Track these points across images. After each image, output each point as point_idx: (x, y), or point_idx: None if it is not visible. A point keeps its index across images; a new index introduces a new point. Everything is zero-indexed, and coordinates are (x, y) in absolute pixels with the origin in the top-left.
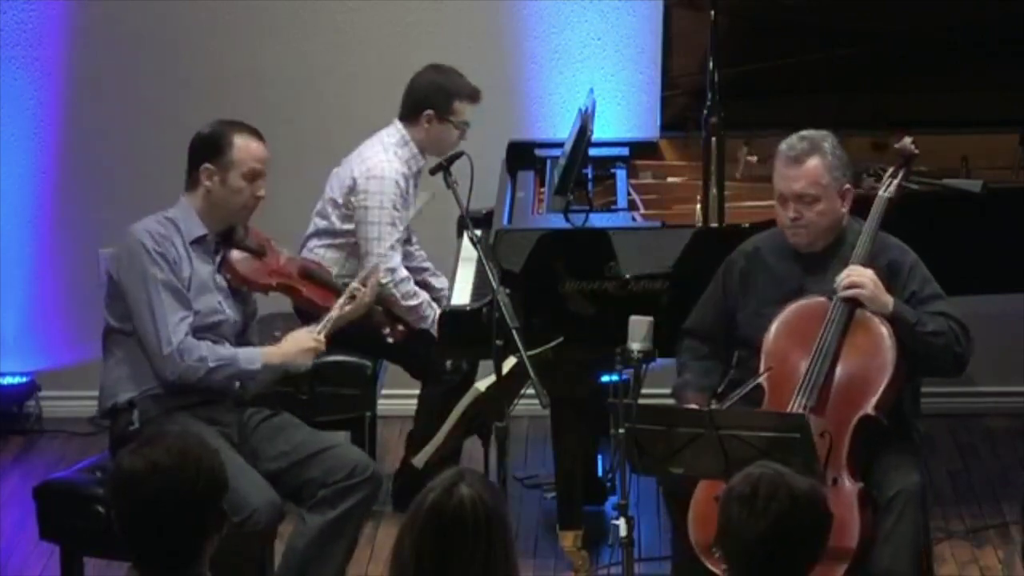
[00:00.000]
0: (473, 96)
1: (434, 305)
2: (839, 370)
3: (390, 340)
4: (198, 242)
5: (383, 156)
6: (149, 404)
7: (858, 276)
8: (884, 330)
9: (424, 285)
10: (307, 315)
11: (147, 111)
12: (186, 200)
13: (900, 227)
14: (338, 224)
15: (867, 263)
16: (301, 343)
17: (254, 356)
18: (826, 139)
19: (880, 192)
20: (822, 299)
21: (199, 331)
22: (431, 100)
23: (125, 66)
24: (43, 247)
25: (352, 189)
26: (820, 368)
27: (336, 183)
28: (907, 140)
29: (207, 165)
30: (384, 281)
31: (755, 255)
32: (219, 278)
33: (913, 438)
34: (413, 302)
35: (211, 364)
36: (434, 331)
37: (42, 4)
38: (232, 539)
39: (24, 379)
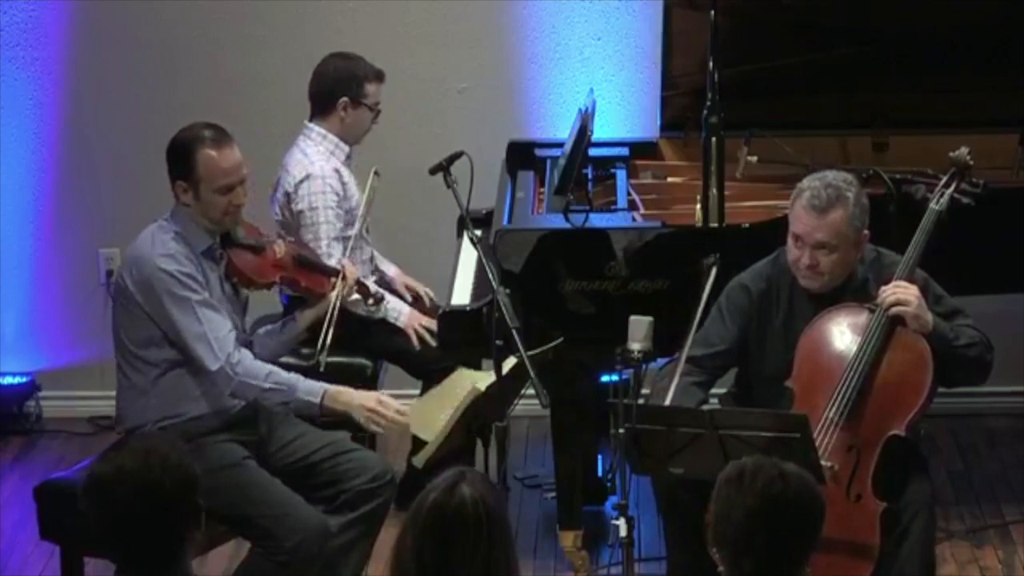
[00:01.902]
0: (379, 76)
1: (383, 292)
2: (875, 387)
3: (372, 308)
4: (206, 252)
5: (304, 161)
6: (185, 429)
7: (904, 293)
8: (924, 349)
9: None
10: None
11: (147, 111)
12: (178, 209)
13: (900, 227)
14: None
15: (911, 278)
16: (364, 400)
17: (315, 390)
18: (851, 187)
19: (932, 204)
20: (863, 309)
21: None
22: (343, 87)
23: (125, 66)
24: (43, 247)
25: (289, 200)
26: (855, 382)
27: (275, 206)
28: (963, 150)
29: (180, 182)
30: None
31: (767, 292)
32: (227, 286)
33: (919, 449)
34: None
35: (265, 386)
36: (392, 319)
37: (42, 4)
38: (286, 566)
39: (24, 379)
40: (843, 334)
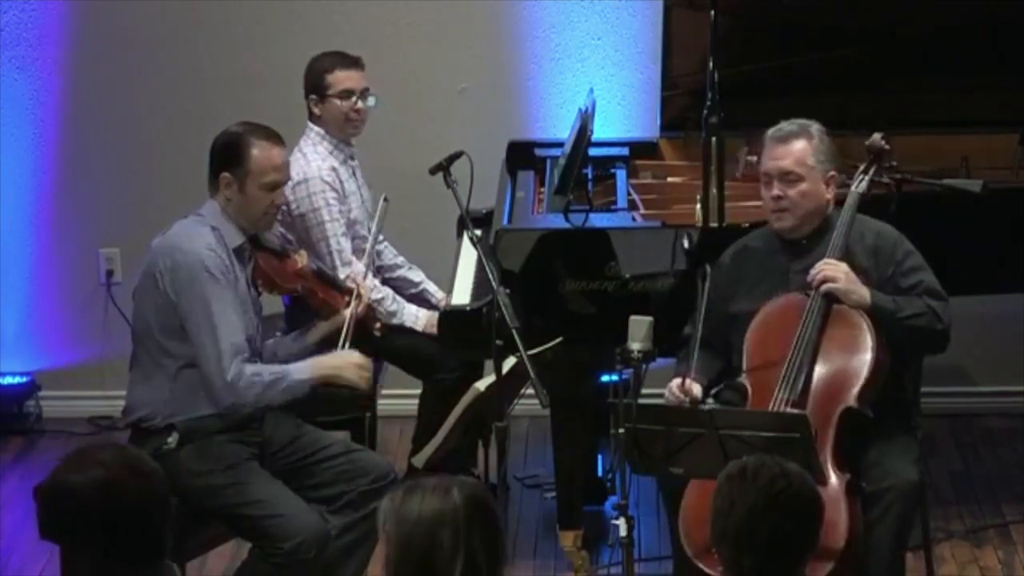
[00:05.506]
0: (343, 63)
1: (399, 299)
2: (819, 364)
3: (377, 334)
4: (237, 251)
5: (302, 161)
6: (191, 426)
7: (832, 270)
8: (862, 322)
9: (402, 280)
10: (309, 312)
11: (147, 111)
12: (214, 204)
13: (901, 226)
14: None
15: (842, 257)
16: (350, 357)
17: (302, 367)
18: (813, 125)
19: (852, 188)
20: (799, 295)
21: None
22: (309, 86)
23: (125, 66)
24: (43, 247)
25: (287, 203)
26: (799, 363)
27: None
28: (876, 136)
29: (225, 174)
30: (342, 276)
31: (743, 252)
32: (251, 289)
33: (914, 433)
34: (376, 296)
35: (267, 379)
36: (410, 324)
37: (42, 4)
38: (284, 567)
39: (24, 379)
40: (784, 321)
